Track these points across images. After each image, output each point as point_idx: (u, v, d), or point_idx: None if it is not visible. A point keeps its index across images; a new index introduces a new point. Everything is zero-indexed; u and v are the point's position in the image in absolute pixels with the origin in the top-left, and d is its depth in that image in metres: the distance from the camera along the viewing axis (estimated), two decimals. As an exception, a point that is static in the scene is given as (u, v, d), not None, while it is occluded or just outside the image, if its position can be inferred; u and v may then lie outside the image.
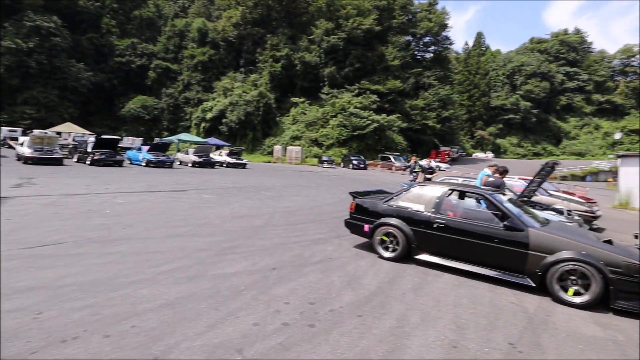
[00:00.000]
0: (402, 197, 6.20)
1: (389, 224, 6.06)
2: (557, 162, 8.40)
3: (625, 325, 4.27)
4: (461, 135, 67.00)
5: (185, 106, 55.56)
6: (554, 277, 4.76)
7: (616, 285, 4.47)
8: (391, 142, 47.30)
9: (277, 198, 12.66)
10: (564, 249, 4.77)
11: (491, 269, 5.29)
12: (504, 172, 7.54)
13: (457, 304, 4.49)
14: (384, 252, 6.14)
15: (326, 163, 38.68)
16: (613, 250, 4.67)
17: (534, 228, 5.08)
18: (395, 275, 5.39)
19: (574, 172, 43.42)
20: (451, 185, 5.95)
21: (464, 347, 3.46)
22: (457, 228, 5.50)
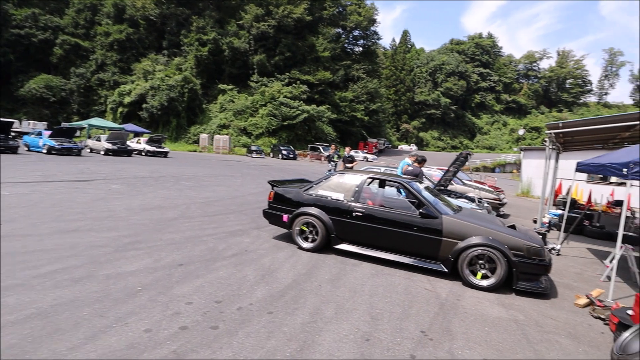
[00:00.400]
0: (322, 186, 6.00)
1: (308, 214, 5.83)
2: (470, 153, 8.85)
3: (525, 304, 4.50)
4: (388, 127, 69.77)
5: (100, 89, 50.64)
6: (465, 262, 4.88)
7: (518, 268, 4.70)
8: (321, 133, 47.61)
9: (197, 188, 11.87)
10: (474, 235, 4.91)
11: (408, 257, 5.30)
12: (422, 161, 7.72)
13: (373, 293, 4.39)
14: (303, 242, 5.90)
15: (255, 153, 37.74)
16: (516, 235, 4.91)
17: (447, 215, 5.17)
18: (313, 266, 5.17)
19: (485, 164, 47.48)
20: (370, 174, 5.88)
21: (377, 339, 3.33)
22: (375, 216, 5.43)
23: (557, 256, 7.22)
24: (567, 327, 4.00)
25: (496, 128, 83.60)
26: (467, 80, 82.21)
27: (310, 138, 46.97)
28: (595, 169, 6.28)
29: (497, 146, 77.25)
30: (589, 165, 6.81)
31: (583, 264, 6.85)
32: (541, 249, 4.72)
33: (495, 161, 50.12)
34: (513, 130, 79.05)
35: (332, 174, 6.16)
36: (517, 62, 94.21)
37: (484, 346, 3.39)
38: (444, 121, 79.32)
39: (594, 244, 8.88)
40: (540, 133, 73.37)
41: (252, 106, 47.08)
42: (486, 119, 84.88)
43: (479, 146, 77.65)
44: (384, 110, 61.26)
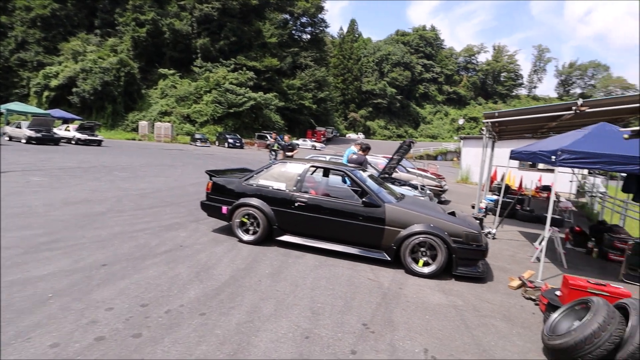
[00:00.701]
0: (263, 175, 5.71)
1: (248, 205, 5.53)
2: (412, 141, 8.98)
3: (463, 289, 4.58)
4: (336, 116, 70.26)
5: (21, 70, 45.71)
6: (407, 250, 4.88)
7: (457, 254, 4.77)
8: (268, 121, 46.82)
9: (132, 179, 11.03)
10: (416, 223, 4.91)
11: (351, 246, 5.21)
12: (367, 149, 7.67)
13: (315, 286, 4.23)
14: (244, 235, 5.61)
15: (199, 141, 36.28)
16: (455, 221, 4.98)
17: (389, 203, 5.13)
18: (253, 260, 4.91)
19: (428, 152, 49.45)
20: (313, 162, 5.69)
21: (317, 336, 3.17)
22: (318, 206, 5.27)
23: (493, 240, 7.55)
24: (502, 310, 4.12)
25: (438, 118, 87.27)
26: (411, 71, 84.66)
27: (257, 126, 46.01)
28: (527, 156, 6.58)
29: (440, 135, 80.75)
30: (521, 153, 7.13)
31: (516, 247, 7.22)
32: (479, 235, 4.83)
33: (437, 149, 52.35)
34: (454, 120, 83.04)
35: (274, 163, 5.89)
36: (457, 55, 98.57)
37: (424, 335, 3.36)
38: (390, 110, 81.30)
39: (524, 227, 9.44)
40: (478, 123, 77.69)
41: (196, 92, 45.08)
42: (429, 109, 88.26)
43: (423, 135, 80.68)
44: (332, 98, 61.48)
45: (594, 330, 2.81)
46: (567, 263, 6.14)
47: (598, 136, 5.70)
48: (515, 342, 3.41)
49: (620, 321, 2.86)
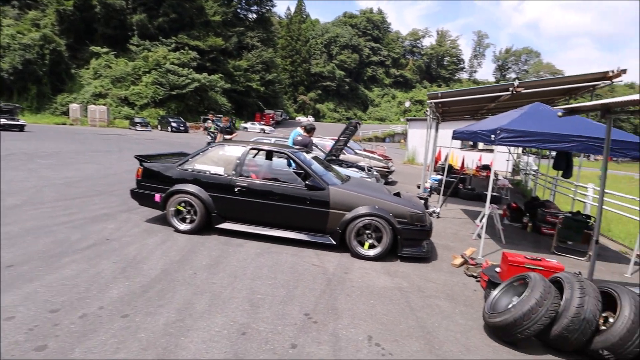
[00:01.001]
0: (199, 159, 5.29)
1: (183, 192, 5.11)
2: (359, 123, 8.87)
3: (408, 270, 4.55)
4: (285, 99, 69.23)
5: None
6: (352, 233, 4.75)
7: (402, 235, 4.72)
8: (214, 104, 45.01)
9: (57, 167, 9.99)
10: (361, 205, 4.78)
11: (295, 232, 4.99)
12: (311, 130, 7.42)
13: (256, 276, 3.98)
14: (180, 224, 5.20)
15: (140, 125, 34.07)
16: (400, 202, 4.92)
17: (334, 186, 4.95)
18: (190, 251, 4.54)
19: (377, 134, 50.35)
20: (252, 145, 5.35)
21: (255, 331, 2.93)
22: (260, 191, 4.97)
23: (437, 219, 7.70)
24: (446, 289, 4.12)
25: (386, 101, 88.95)
26: (359, 53, 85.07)
27: (202, 109, 44.07)
28: (469, 136, 6.69)
29: (387, 117, 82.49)
30: (463, 133, 7.25)
31: (458, 225, 7.41)
32: (423, 215, 4.81)
33: (385, 132, 53.44)
34: (400, 103, 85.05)
35: (211, 146, 5.46)
36: (403, 38, 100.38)
37: (369, 321, 3.24)
38: (339, 93, 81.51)
39: (466, 205, 9.78)
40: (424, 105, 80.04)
41: (134, 73, 42.13)
42: (377, 92, 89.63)
43: (372, 118, 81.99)
44: (280, 81, 60.36)
45: (531, 306, 2.82)
46: (505, 238, 6.38)
47: (533, 115, 5.88)
48: (458, 321, 3.40)
49: (556, 295, 2.90)
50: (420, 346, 2.93)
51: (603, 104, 3.66)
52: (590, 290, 2.88)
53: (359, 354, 2.77)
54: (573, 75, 8.00)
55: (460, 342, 3.04)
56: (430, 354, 2.85)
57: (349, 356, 2.73)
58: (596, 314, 2.78)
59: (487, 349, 2.98)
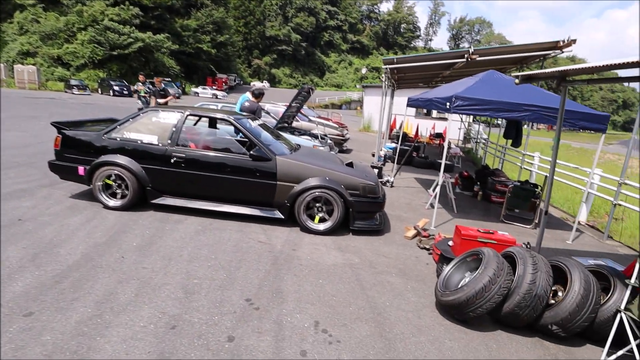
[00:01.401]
0: (129, 126, 4.67)
1: (112, 164, 4.51)
2: (312, 88, 8.41)
3: (360, 244, 4.36)
4: (238, 63, 66.35)
5: None
6: (301, 207, 4.45)
7: (355, 208, 4.49)
8: (161, 66, 42.16)
9: (-30, 134, 8.76)
10: (310, 176, 4.46)
11: (240, 205, 4.61)
12: (260, 95, 6.89)
13: (194, 257, 3.59)
14: (109, 200, 4.63)
15: (77, 88, 31.13)
16: (353, 173, 4.65)
17: (282, 156, 4.57)
18: (119, 230, 4.04)
19: (333, 101, 49.84)
20: (190, 110, 4.78)
21: (187, 323, 2.59)
22: (199, 162, 4.49)
23: (391, 188, 7.60)
24: (398, 264, 3.98)
25: (343, 67, 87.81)
26: (316, 17, 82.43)
27: (148, 72, 41.02)
28: (424, 103, 6.49)
29: (344, 84, 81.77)
30: (418, 100, 7.05)
31: (412, 194, 7.35)
32: (376, 187, 4.58)
33: (342, 99, 53.01)
34: (357, 70, 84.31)
35: (142, 112, 4.83)
36: (361, 2, 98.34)
37: (316, 304, 3.00)
38: (295, 58, 79.25)
39: (420, 173, 9.79)
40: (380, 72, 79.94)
41: (67, 29, 38.09)
42: (334, 58, 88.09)
43: (328, 84, 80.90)
44: (233, 43, 57.41)
45: (484, 284, 2.69)
46: (457, 207, 6.39)
47: (488, 83, 5.74)
48: (409, 299, 3.25)
49: (508, 272, 2.79)
50: (370, 329, 2.74)
51: (560, 71, 3.51)
52: (542, 265, 2.79)
53: (303, 343, 2.53)
54: (526, 44, 7.96)
55: (412, 323, 2.88)
56: (380, 338, 2.67)
57: (292, 347, 2.47)
58: (547, 290, 2.70)
59: (439, 328, 2.85)
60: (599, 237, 6.00)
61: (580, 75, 3.50)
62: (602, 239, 5.89)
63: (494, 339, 2.81)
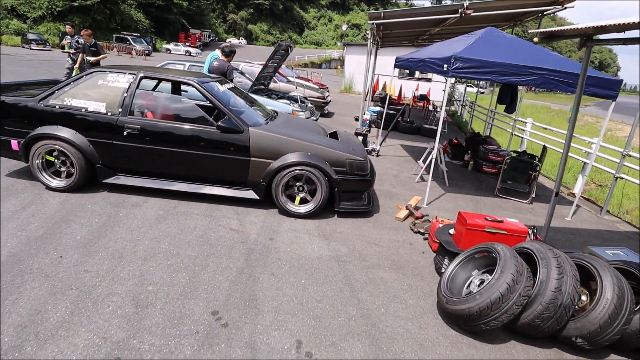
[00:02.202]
0: (70, 91, 3.86)
1: (51, 136, 3.76)
2: (291, 45, 7.54)
3: (347, 230, 3.85)
4: (212, 17, 62.59)
5: None
6: (280, 186, 3.86)
7: (340, 187, 3.93)
8: (128, 20, 39.19)
9: None
10: (290, 151, 3.84)
11: (208, 185, 3.98)
12: (230, 53, 6.03)
13: (151, 253, 3.00)
14: (52, 180, 3.92)
15: (35, 43, 28.57)
16: (338, 147, 4.05)
17: (256, 127, 3.90)
18: (62, 219, 3.38)
19: (313, 59, 47.98)
20: (144, 72, 3.99)
21: (134, 353, 2.04)
22: (157, 133, 3.78)
23: (377, 157, 7.06)
24: (390, 253, 3.50)
25: (323, 23, 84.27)
26: (294, -33, 77.82)
27: (115, 26, 38.17)
28: (415, 64, 5.82)
29: (324, 42, 78.84)
30: (408, 61, 6.38)
31: (399, 164, 6.83)
32: (365, 163, 4.01)
33: (322, 57, 51.07)
34: (337, 27, 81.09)
35: (87, 74, 3.99)
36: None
37: (298, 315, 2.49)
38: (272, 13, 75.27)
39: (406, 140, 9.26)
40: (361, 30, 77.49)
41: (20, -24, 34.44)
42: (313, 14, 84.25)
43: (307, 42, 77.83)
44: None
45: (501, 293, 2.23)
46: (448, 180, 5.92)
47: (488, 42, 5.11)
48: (407, 302, 2.79)
49: (528, 276, 2.33)
50: (364, 349, 2.27)
51: (586, 28, 2.92)
52: (568, 268, 2.34)
53: (283, 372, 2.04)
54: (524, -2, 7.26)
55: (413, 336, 2.43)
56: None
57: (269, 380, 1.98)
58: (575, 298, 2.27)
59: (445, 343, 2.40)
60: (597, 212, 5.70)
61: (611, 33, 2.93)
62: (599, 214, 5.59)
63: (508, 352, 2.40)
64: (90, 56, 7.75)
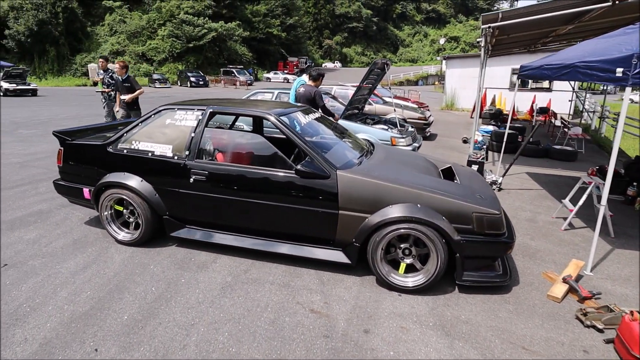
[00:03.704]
0: (138, 133, 3.43)
1: (118, 185, 3.34)
2: (387, 62, 6.61)
3: (475, 316, 2.64)
4: (309, 45, 65.15)
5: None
6: (379, 249, 2.85)
7: (463, 251, 2.77)
8: (234, 54, 42.59)
9: (35, 139, 8.58)
10: (392, 202, 2.82)
11: (287, 242, 3.15)
12: (318, 77, 5.28)
13: (204, 349, 2.22)
14: (119, 232, 3.51)
15: (158, 82, 32.51)
16: (459, 194, 2.90)
17: (346, 170, 2.97)
18: (117, 285, 2.84)
19: (409, 77, 46.42)
20: (214, 106, 3.38)
21: None
22: (226, 178, 3.11)
23: (499, 192, 5.63)
24: (553, 366, 2.22)
25: (417, 40, 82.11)
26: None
27: (222, 61, 41.82)
28: (555, 71, 4.36)
29: (419, 58, 76.51)
30: (541, 69, 4.91)
31: (531, 201, 5.29)
32: (500, 217, 2.79)
33: (418, 74, 49.17)
34: (433, 41, 78.17)
35: (156, 112, 3.53)
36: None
37: None
38: (366, 35, 75.79)
39: (532, 166, 7.50)
40: (459, 42, 73.66)
41: (149, 27, 40.05)
42: (408, 31, 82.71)
43: (402, 59, 76.31)
44: (302, 24, 56.25)
45: None
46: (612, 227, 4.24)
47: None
48: None
49: None
50: None
51: None
52: None
53: None
54: None
55: None
56: None
57: None
58: None
59: None
60: None
61: None
62: None
63: None
64: (125, 93, 6.50)
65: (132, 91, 6.53)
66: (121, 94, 6.58)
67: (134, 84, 6.56)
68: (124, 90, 6.55)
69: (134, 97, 6.55)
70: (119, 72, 6.55)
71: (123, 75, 6.54)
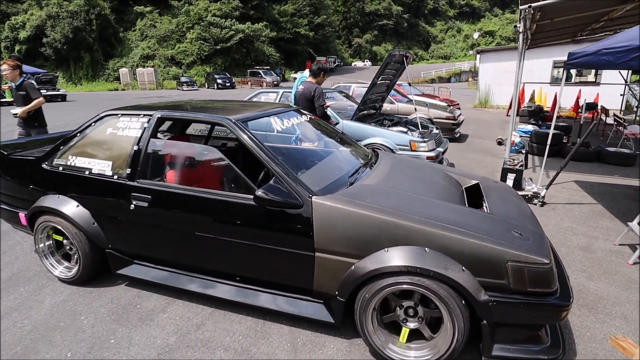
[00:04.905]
0: (76, 146, 2.76)
1: (49, 211, 2.69)
2: (406, 54, 5.72)
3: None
4: (338, 44, 64.32)
5: (-17, 22, 41.55)
6: (369, 310, 2.01)
7: (493, 317, 1.88)
8: (262, 55, 42.40)
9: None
10: (389, 243, 1.96)
11: (253, 288, 2.37)
12: (319, 72, 4.44)
13: None
14: (56, 267, 2.85)
15: (186, 85, 32.75)
16: (486, 232, 1.99)
17: (326, 196, 2.11)
18: (27, 347, 2.17)
19: (441, 74, 44.64)
20: (161, 111, 2.63)
21: None
22: (175, 205, 2.38)
23: (542, 207, 4.61)
24: None
25: (450, 35, 79.28)
26: (415, -17, 75.59)
27: (250, 62, 41.73)
28: (625, 56, 3.35)
29: (452, 55, 73.83)
30: (597, 54, 3.88)
31: (584, 221, 4.23)
32: (549, 269, 1.87)
33: (450, 70, 47.20)
34: (467, 37, 75.12)
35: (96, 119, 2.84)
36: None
37: None
38: (397, 32, 73.98)
39: (581, 172, 6.35)
40: (494, 37, 70.41)
41: (178, 30, 40.60)
42: (440, 27, 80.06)
43: (434, 56, 73.95)
44: (331, 23, 55.41)
45: None
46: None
47: None
48: None
49: None
50: None
51: None
52: None
53: None
54: None
55: None
56: None
57: None
58: None
59: None
60: None
61: None
62: None
63: None
64: (21, 104, 4.57)
65: (28, 102, 4.57)
66: (16, 106, 4.66)
67: (30, 91, 4.57)
68: (18, 100, 4.61)
69: (30, 110, 4.55)
70: (9, 76, 4.54)
71: (16, 80, 4.55)
